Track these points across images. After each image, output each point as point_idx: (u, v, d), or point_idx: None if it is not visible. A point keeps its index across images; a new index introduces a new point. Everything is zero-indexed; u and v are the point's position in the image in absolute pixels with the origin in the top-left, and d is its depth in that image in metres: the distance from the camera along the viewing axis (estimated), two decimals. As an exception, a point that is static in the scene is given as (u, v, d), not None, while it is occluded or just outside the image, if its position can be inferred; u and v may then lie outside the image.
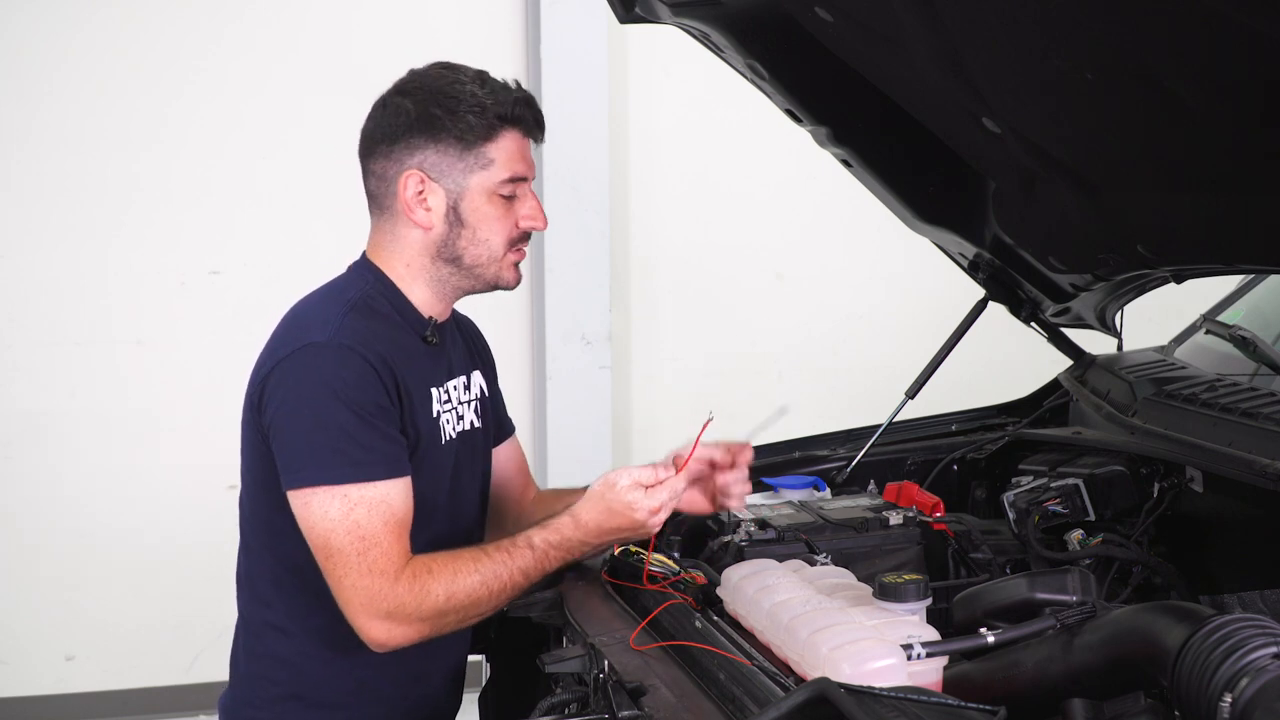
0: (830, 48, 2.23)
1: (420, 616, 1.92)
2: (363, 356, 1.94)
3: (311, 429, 1.91)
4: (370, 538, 1.89)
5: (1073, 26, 1.68)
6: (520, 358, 4.66)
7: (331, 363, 1.93)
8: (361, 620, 1.91)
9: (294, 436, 1.93)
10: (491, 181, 2.04)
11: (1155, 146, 1.88)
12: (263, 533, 2.05)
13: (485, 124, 2.02)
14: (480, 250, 2.07)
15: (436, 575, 1.92)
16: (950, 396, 2.90)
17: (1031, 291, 2.66)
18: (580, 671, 1.94)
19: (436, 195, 2.03)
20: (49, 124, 4.31)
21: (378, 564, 1.89)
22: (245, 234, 4.46)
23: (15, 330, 4.35)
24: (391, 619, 1.90)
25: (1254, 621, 1.40)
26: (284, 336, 2.01)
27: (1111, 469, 2.23)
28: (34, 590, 4.41)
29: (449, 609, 1.93)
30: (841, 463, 2.67)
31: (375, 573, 1.89)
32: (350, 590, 1.90)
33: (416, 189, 2.03)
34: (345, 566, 1.90)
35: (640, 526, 2.05)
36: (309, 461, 1.91)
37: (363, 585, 1.89)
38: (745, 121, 4.37)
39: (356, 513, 1.89)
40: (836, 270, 4.93)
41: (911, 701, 1.47)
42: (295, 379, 1.94)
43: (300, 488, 1.91)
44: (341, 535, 1.89)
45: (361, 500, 1.90)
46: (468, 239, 2.06)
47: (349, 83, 4.53)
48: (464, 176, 2.03)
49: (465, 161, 2.03)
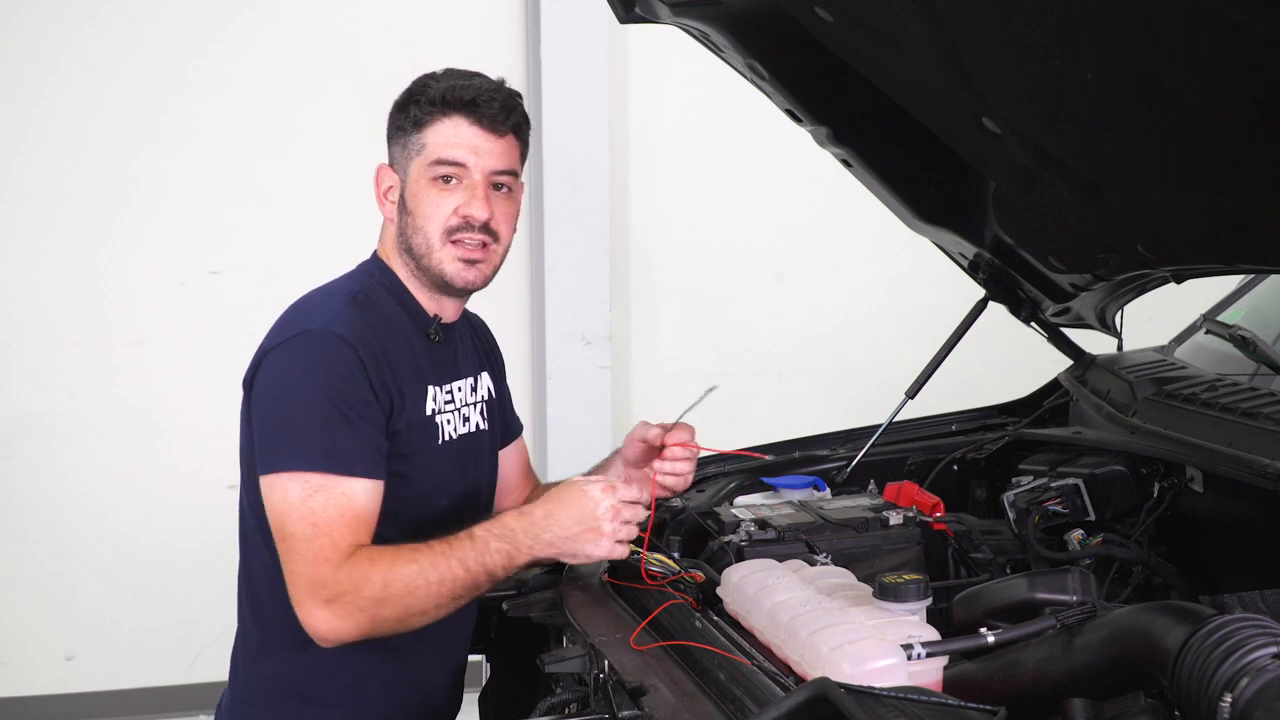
0: (830, 48, 2.23)
1: (358, 605, 1.86)
2: (352, 347, 1.94)
3: (290, 415, 1.92)
4: (322, 525, 1.88)
5: (1073, 26, 1.68)
6: (520, 358, 4.65)
7: (320, 351, 1.93)
8: (305, 609, 1.88)
9: (273, 421, 1.94)
10: (424, 164, 2.06)
11: (1155, 146, 1.88)
12: (259, 527, 2.04)
13: (424, 111, 2.06)
14: (420, 239, 2.06)
15: (375, 562, 1.88)
16: (950, 396, 2.90)
17: (1031, 291, 2.66)
18: (580, 671, 1.94)
19: (394, 185, 2.10)
20: (49, 124, 4.31)
21: (324, 551, 1.87)
22: (245, 234, 4.46)
23: (15, 330, 4.35)
24: (330, 606, 1.86)
25: (1254, 621, 1.39)
26: (281, 325, 2.02)
27: (1111, 469, 2.23)
28: (34, 590, 4.41)
29: (386, 597, 1.86)
30: (841, 463, 2.67)
31: (320, 560, 1.87)
32: (296, 576, 1.89)
33: (387, 184, 2.10)
34: (294, 552, 1.88)
35: (596, 526, 1.95)
36: (281, 446, 1.91)
37: (308, 572, 1.87)
38: (745, 121, 4.37)
39: (314, 500, 1.88)
40: (836, 270, 4.93)
41: (911, 701, 1.47)
42: (283, 365, 1.95)
43: (269, 472, 1.92)
44: (295, 519, 1.88)
45: (322, 488, 1.89)
46: (412, 227, 2.07)
47: (349, 82, 4.56)
48: (408, 163, 2.08)
49: (409, 149, 2.08)
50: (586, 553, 1.96)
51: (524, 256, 4.63)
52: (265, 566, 2.03)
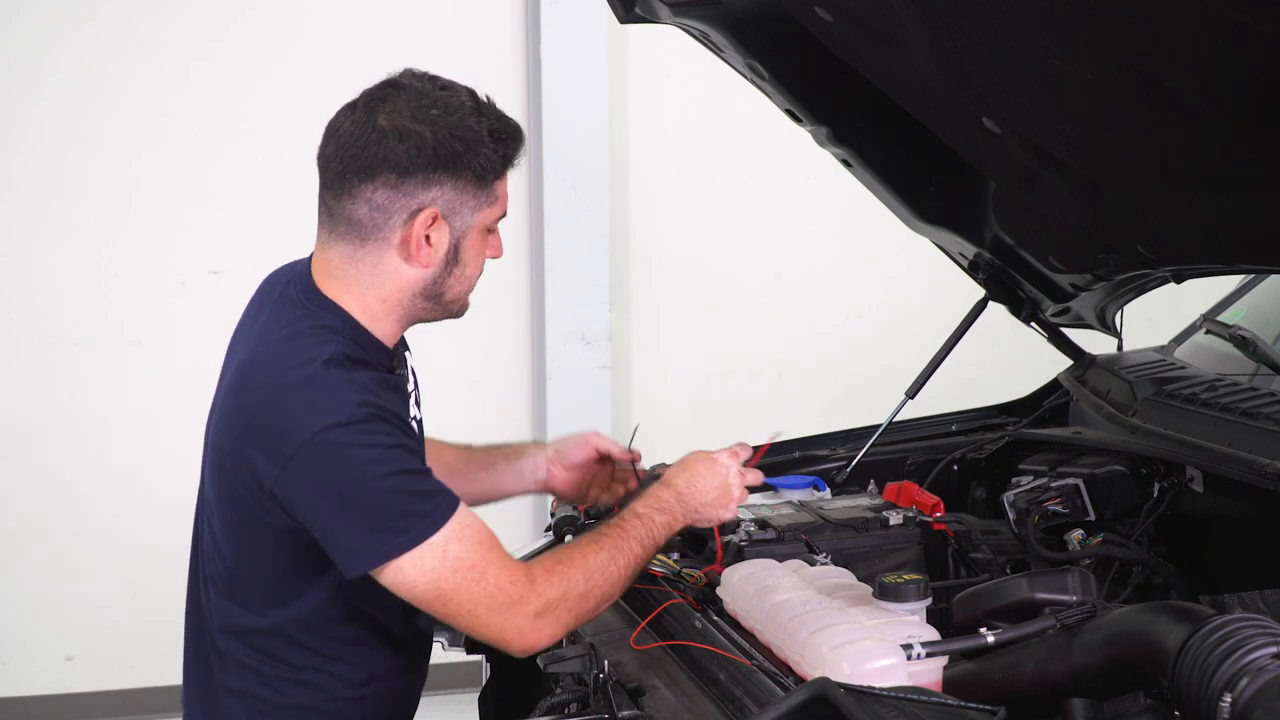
0: (830, 48, 2.23)
1: (567, 608, 1.85)
2: (382, 417, 1.82)
3: (371, 507, 1.79)
4: (478, 563, 1.81)
5: (1073, 26, 1.68)
6: (520, 358, 4.65)
7: (361, 437, 1.78)
8: (512, 632, 1.83)
9: (354, 521, 1.79)
10: (490, 219, 1.93)
11: (1155, 146, 1.88)
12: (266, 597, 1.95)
13: (500, 160, 1.90)
14: (463, 287, 1.95)
15: (569, 563, 1.87)
16: (950, 396, 2.90)
17: (1031, 291, 2.66)
18: (580, 671, 1.94)
19: (442, 234, 1.88)
20: (49, 124, 4.31)
21: (501, 577, 1.82)
22: (245, 234, 4.46)
23: (15, 330, 4.34)
24: (542, 618, 1.83)
25: (1254, 621, 1.40)
26: (280, 429, 1.80)
27: (1111, 469, 2.23)
28: (34, 590, 4.41)
29: (588, 591, 1.87)
30: (841, 463, 2.67)
31: (504, 585, 1.81)
32: (489, 615, 1.81)
33: (426, 227, 1.87)
34: (472, 601, 1.81)
35: (728, 491, 2.06)
36: (384, 536, 1.78)
37: (502, 600, 1.81)
38: (745, 122, 4.37)
39: (451, 551, 1.80)
40: (836, 270, 4.93)
41: (911, 701, 1.47)
42: (331, 468, 1.78)
43: (384, 563, 1.79)
44: (449, 578, 1.79)
45: (449, 539, 1.80)
46: (457, 277, 1.93)
47: (349, 82, 4.51)
48: (472, 215, 1.90)
49: (477, 199, 1.89)
50: (720, 517, 2.07)
51: (524, 256, 4.63)
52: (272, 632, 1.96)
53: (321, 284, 1.93)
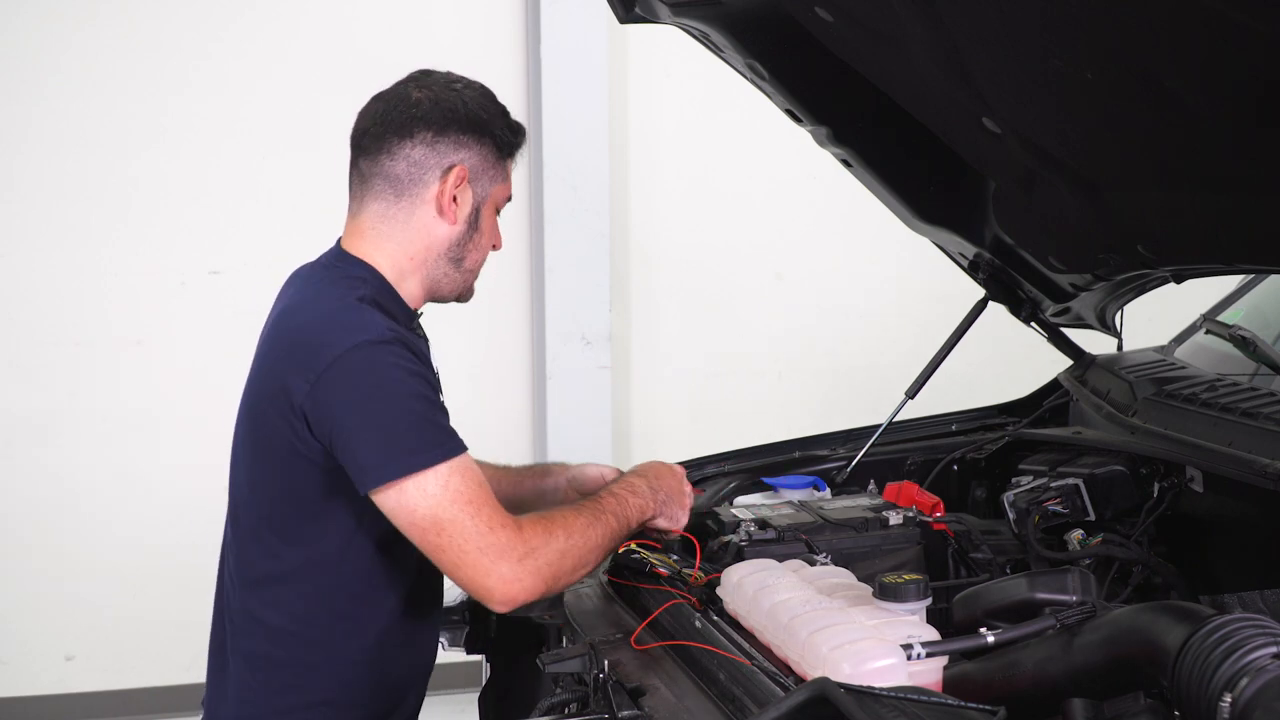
0: (830, 48, 2.23)
1: (548, 560, 1.92)
2: (409, 346, 1.95)
3: (392, 422, 1.90)
4: (475, 500, 1.89)
5: (1073, 26, 1.68)
6: (520, 358, 4.66)
7: (390, 356, 1.91)
8: (495, 575, 1.88)
9: (374, 434, 1.90)
10: (502, 197, 2.14)
11: (1155, 146, 1.88)
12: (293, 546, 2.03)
13: (513, 139, 2.12)
14: (478, 257, 2.13)
15: (550, 521, 1.96)
16: (950, 396, 2.90)
17: (1031, 291, 2.66)
18: (580, 671, 1.94)
19: (467, 195, 2.07)
20: (49, 124, 4.32)
21: (493, 519, 1.89)
22: (245, 234, 4.46)
23: (15, 330, 4.35)
24: (524, 563, 1.89)
25: (1254, 621, 1.39)
26: (315, 345, 1.94)
27: (1111, 469, 2.23)
28: (34, 590, 4.41)
29: (567, 549, 1.95)
30: (841, 463, 2.67)
31: (495, 527, 1.89)
32: (478, 555, 1.88)
33: (456, 184, 2.06)
34: (464, 533, 1.88)
35: (682, 497, 2.21)
36: (397, 453, 1.88)
37: (491, 541, 1.88)
38: (745, 122, 4.38)
39: (453, 482, 1.89)
40: (836, 270, 4.94)
41: (911, 701, 1.47)
42: (360, 379, 1.90)
43: (390, 481, 1.88)
44: (448, 507, 1.88)
45: (453, 471, 1.89)
46: (476, 243, 2.11)
47: (349, 82, 4.52)
48: (490, 184, 2.10)
49: (496, 170, 2.10)
50: (677, 518, 2.21)
51: (524, 256, 4.63)
52: (298, 608, 2.02)
53: (351, 247, 2.10)
